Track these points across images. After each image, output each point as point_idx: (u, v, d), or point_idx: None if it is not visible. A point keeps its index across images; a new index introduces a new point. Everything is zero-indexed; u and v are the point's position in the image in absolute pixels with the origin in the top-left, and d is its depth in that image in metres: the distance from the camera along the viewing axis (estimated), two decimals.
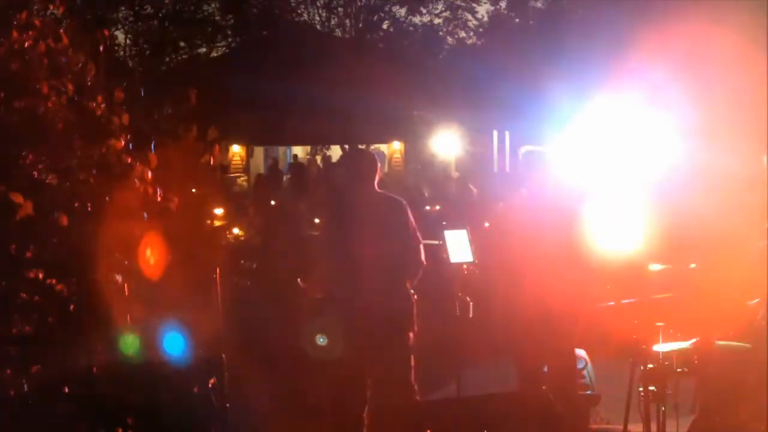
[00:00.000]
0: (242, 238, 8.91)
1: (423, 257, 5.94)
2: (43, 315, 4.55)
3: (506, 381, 6.55)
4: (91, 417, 4.60)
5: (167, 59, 29.70)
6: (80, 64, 4.64)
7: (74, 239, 4.55)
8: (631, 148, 6.24)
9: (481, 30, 32.66)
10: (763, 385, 5.50)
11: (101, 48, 4.80)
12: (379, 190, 6.03)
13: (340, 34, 31.98)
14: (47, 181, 4.55)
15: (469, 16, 32.85)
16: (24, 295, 4.49)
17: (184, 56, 30.45)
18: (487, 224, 7.90)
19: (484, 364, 7.33)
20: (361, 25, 32.49)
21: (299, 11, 32.23)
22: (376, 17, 32.93)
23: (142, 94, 4.89)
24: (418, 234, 5.97)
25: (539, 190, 6.38)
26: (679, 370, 5.58)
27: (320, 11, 32.60)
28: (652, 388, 5.54)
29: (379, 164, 6.12)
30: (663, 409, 5.52)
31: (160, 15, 29.89)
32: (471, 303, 6.59)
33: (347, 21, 32.68)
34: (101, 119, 4.72)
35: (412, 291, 5.95)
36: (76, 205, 4.63)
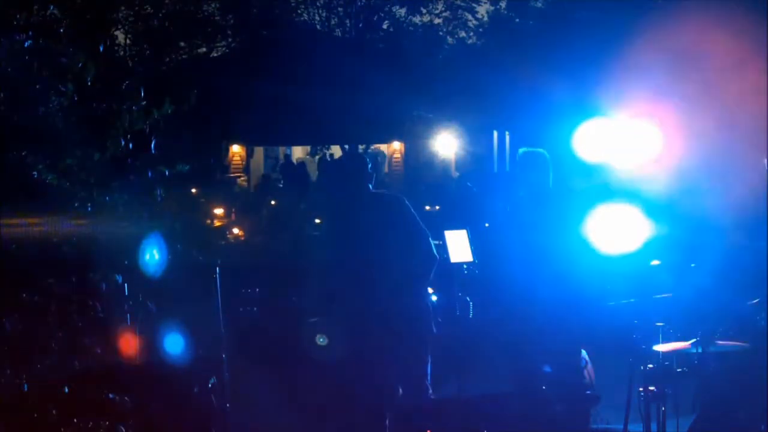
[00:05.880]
0: (242, 238, 8.92)
1: (434, 248, 5.82)
2: (43, 315, 4.55)
3: (506, 381, 6.55)
4: (90, 417, 4.60)
5: (167, 59, 29.69)
6: (80, 64, 4.63)
7: (74, 240, 4.55)
8: (632, 148, 6.24)
9: (481, 30, 32.64)
10: (763, 385, 5.50)
11: (101, 48, 4.79)
12: (374, 191, 5.95)
13: (340, 34, 31.97)
14: (47, 181, 4.55)
15: (469, 16, 32.84)
16: (24, 295, 4.49)
17: (184, 56, 30.46)
18: (487, 224, 7.89)
19: (484, 364, 7.32)
20: (361, 25, 32.48)
21: (299, 11, 32.25)
22: (376, 17, 32.90)
23: (142, 94, 4.88)
24: (423, 226, 5.83)
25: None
26: (679, 370, 5.58)
27: (320, 11, 32.62)
28: (652, 388, 5.54)
29: (370, 166, 6.00)
30: (663, 409, 5.52)
31: (160, 15, 29.88)
32: (471, 303, 6.59)
33: (347, 21, 32.67)
34: (101, 119, 4.72)
35: (430, 289, 5.86)
36: (76, 205, 4.63)
